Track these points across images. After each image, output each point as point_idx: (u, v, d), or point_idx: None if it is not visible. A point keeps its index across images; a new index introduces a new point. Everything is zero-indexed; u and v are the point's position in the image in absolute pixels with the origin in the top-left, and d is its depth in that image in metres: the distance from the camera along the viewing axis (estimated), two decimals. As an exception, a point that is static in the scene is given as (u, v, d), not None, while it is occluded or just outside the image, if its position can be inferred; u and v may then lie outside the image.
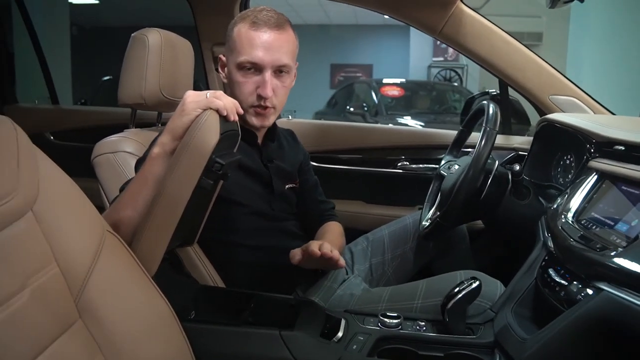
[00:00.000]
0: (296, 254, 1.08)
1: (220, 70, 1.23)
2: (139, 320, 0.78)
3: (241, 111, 0.95)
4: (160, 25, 1.20)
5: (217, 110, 0.89)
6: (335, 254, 1.06)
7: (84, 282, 0.71)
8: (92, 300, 0.71)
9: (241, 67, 1.14)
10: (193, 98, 0.91)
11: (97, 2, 8.29)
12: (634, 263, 0.73)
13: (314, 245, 1.06)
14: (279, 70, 1.15)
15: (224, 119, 0.90)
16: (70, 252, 0.70)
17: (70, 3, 7.28)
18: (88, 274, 0.71)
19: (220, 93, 0.92)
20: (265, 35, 1.12)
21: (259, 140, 1.25)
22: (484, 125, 1.18)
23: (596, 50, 4.55)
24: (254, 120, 1.18)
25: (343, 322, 1.00)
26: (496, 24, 1.63)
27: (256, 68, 1.14)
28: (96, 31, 9.33)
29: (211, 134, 0.86)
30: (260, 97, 1.14)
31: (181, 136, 0.89)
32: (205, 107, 0.89)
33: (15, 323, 0.60)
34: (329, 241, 1.18)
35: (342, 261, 1.08)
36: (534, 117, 1.75)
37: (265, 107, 1.16)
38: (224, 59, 1.21)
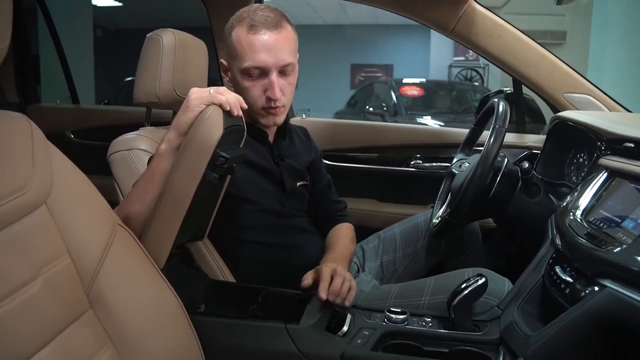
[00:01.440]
0: (307, 280, 1.06)
1: (223, 74, 1.24)
2: (148, 311, 0.80)
3: (245, 106, 0.97)
4: (184, 27, 1.22)
5: (221, 106, 0.91)
6: (340, 297, 1.01)
7: (95, 273, 0.74)
8: (102, 290, 0.74)
9: (246, 72, 1.14)
10: (197, 94, 0.93)
11: (120, 4, 8.43)
12: (636, 260, 0.73)
13: (323, 286, 1.01)
14: (283, 70, 1.16)
15: (227, 114, 0.92)
16: (82, 244, 0.73)
17: (95, 6, 7.43)
18: (99, 265, 0.74)
19: (224, 89, 0.94)
20: (265, 37, 1.12)
21: (270, 138, 1.27)
22: (493, 122, 1.17)
23: (618, 48, 4.45)
24: (265, 121, 1.20)
25: (349, 316, 1.01)
26: (518, 22, 1.62)
27: (261, 71, 1.14)
28: (120, 33, 9.50)
29: (214, 128, 0.88)
30: (269, 99, 1.15)
31: (186, 132, 0.92)
32: (209, 102, 0.92)
33: (26, 311, 0.63)
34: (338, 252, 1.21)
35: (346, 303, 1.03)
36: (549, 116, 1.73)
37: (276, 107, 1.18)
38: (225, 63, 1.22)
